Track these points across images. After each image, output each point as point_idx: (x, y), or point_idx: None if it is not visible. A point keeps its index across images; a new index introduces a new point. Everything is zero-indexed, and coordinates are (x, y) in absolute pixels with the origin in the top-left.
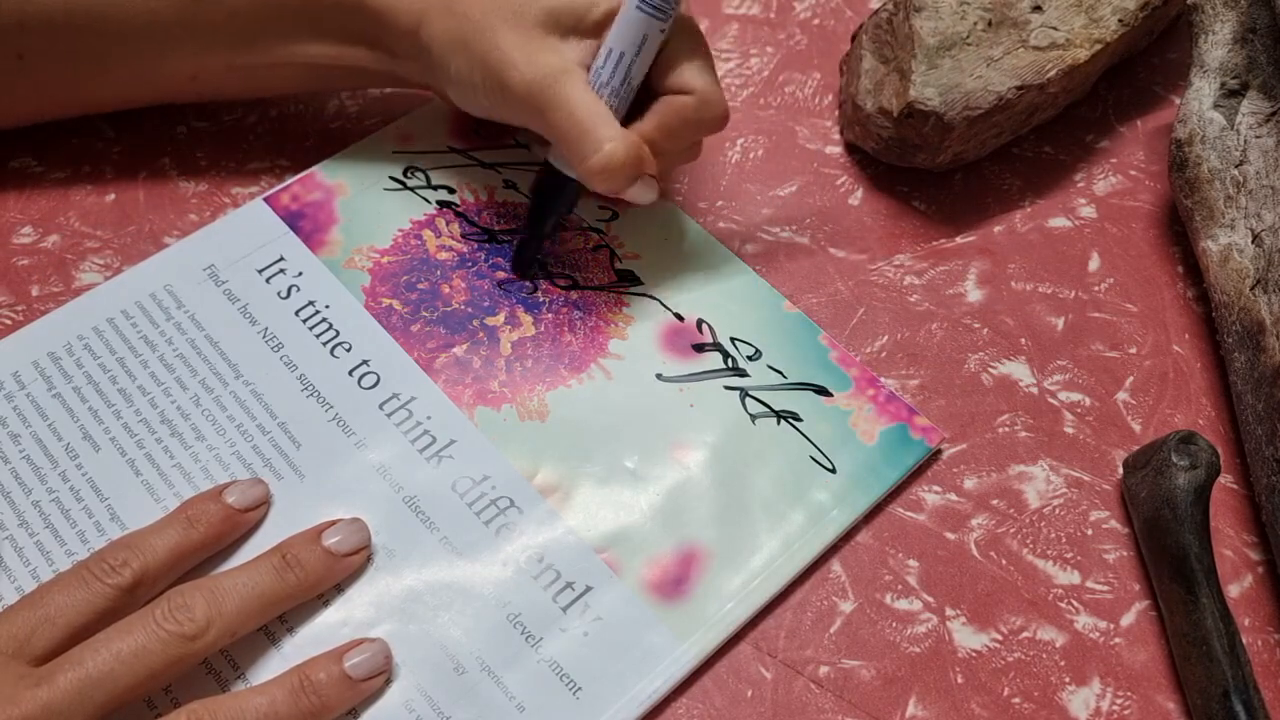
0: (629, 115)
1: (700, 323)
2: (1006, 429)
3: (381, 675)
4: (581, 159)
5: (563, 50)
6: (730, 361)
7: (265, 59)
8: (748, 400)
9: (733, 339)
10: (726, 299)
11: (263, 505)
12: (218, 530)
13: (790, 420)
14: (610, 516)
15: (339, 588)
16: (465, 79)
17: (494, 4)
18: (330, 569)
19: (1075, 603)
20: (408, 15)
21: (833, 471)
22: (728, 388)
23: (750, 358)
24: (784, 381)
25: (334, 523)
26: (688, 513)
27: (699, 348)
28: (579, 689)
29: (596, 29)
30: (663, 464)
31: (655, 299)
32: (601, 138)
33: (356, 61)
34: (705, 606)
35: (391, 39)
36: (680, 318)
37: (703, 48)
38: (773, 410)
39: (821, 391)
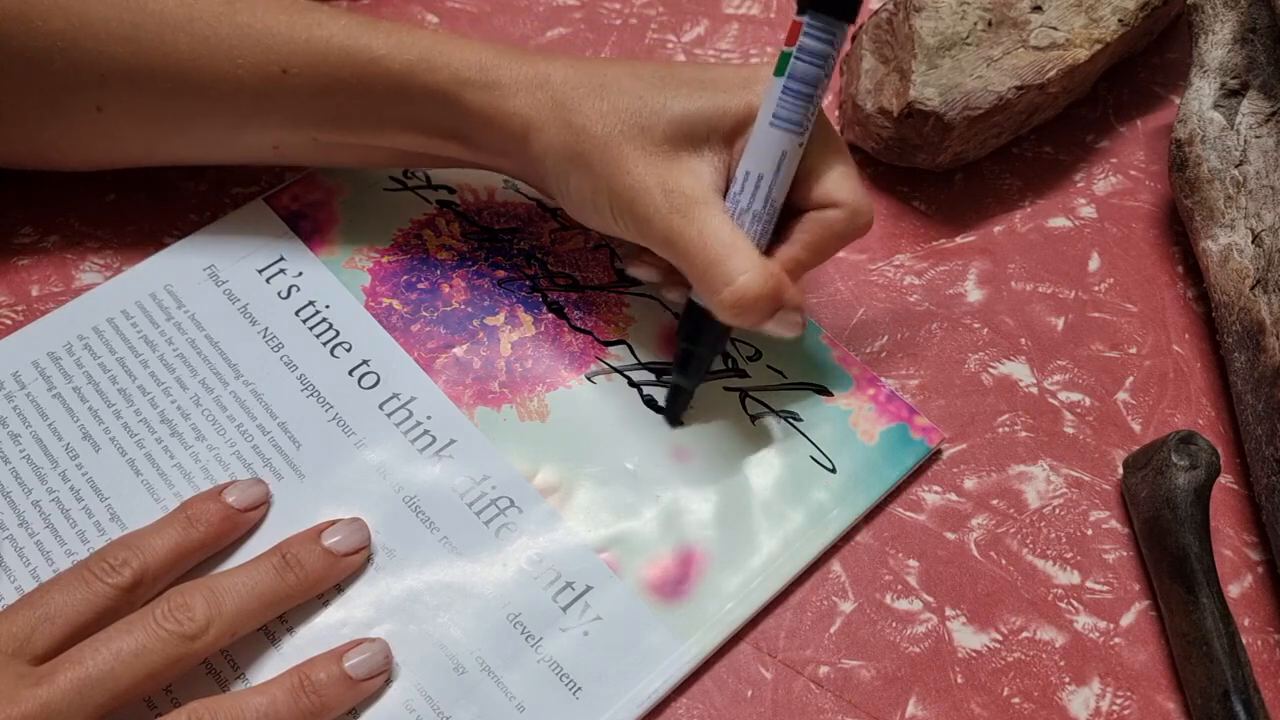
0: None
1: None
2: (1006, 429)
3: (381, 675)
4: (713, 293)
5: (696, 170)
6: (730, 362)
7: (352, 140)
8: (748, 400)
9: (733, 339)
10: None
11: (262, 505)
12: (218, 530)
13: (790, 420)
14: (610, 517)
15: (339, 587)
16: (586, 198)
17: (616, 117)
18: (330, 569)
19: (1075, 603)
20: (515, 121)
21: (833, 471)
22: (728, 388)
23: (750, 358)
24: (784, 381)
25: (334, 523)
26: (688, 513)
27: None
28: (579, 689)
29: (729, 138)
30: (663, 464)
31: (655, 299)
32: (733, 270)
33: (450, 154)
34: (705, 606)
35: (494, 142)
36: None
37: (842, 152)
38: (773, 410)
39: (822, 391)
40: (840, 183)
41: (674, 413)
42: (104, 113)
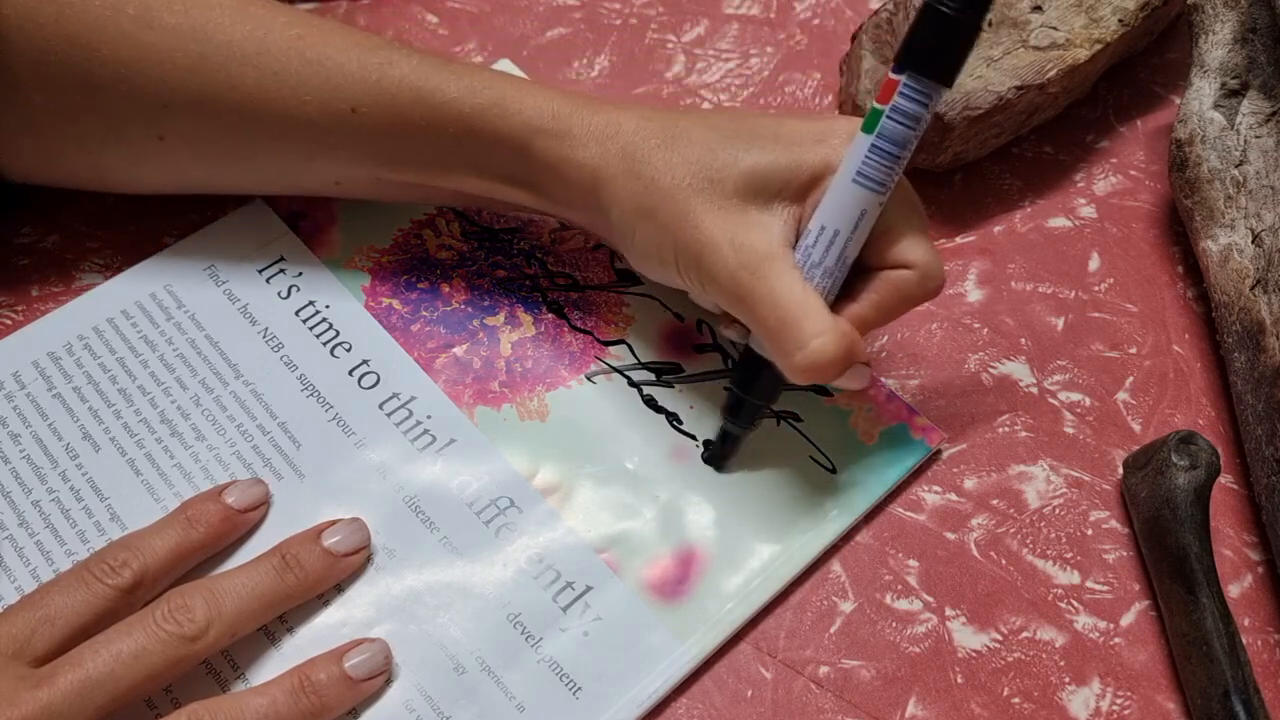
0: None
1: (700, 323)
2: (1006, 429)
3: (381, 675)
4: (785, 354)
5: (767, 225)
6: (730, 362)
7: (416, 180)
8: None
9: (732, 341)
10: None
11: (262, 505)
12: (217, 530)
13: (790, 421)
14: (610, 517)
15: (339, 587)
16: (651, 250)
17: (685, 169)
18: (330, 569)
19: (1075, 603)
20: (585, 172)
21: (833, 472)
22: (728, 388)
23: None
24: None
25: (334, 523)
26: (688, 513)
27: (699, 348)
28: (579, 689)
29: (802, 192)
30: (663, 464)
31: (655, 299)
32: (807, 332)
33: (514, 199)
34: (705, 607)
35: (562, 192)
36: (680, 318)
37: (919, 213)
38: (772, 410)
39: (821, 391)
40: (915, 245)
41: (723, 459)
42: (165, 141)
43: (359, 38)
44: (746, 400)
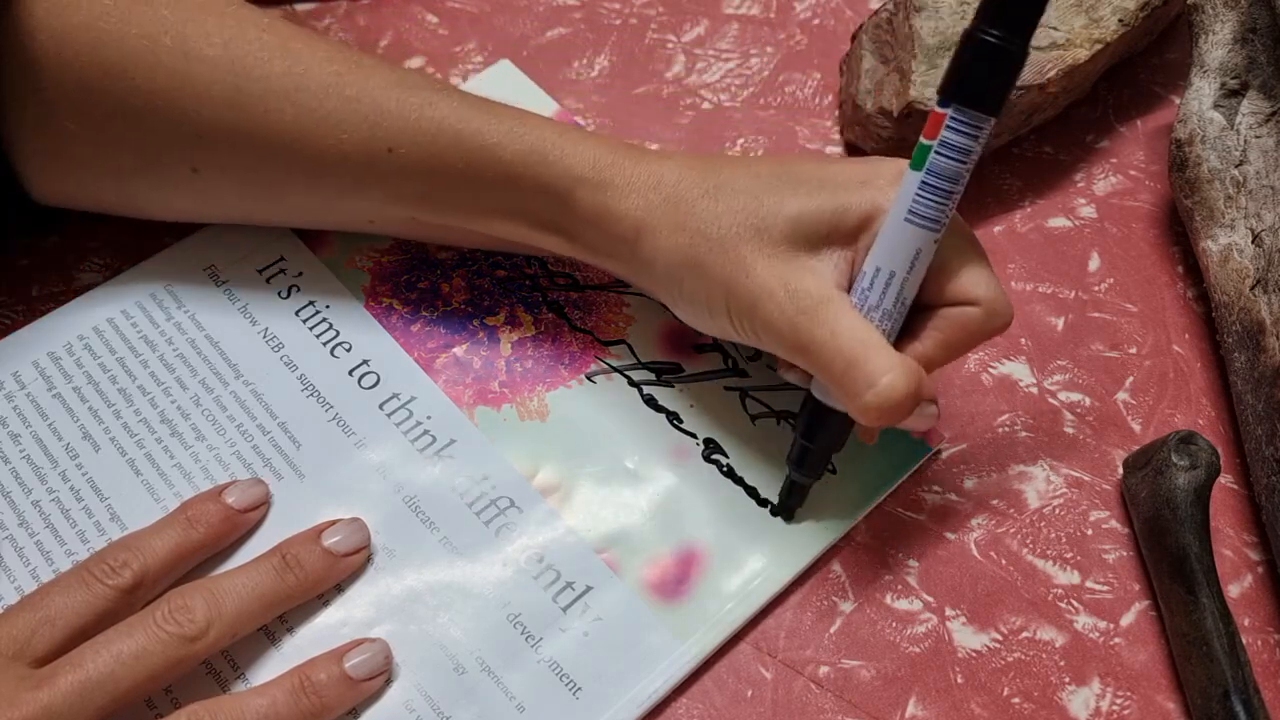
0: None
1: None
2: (1006, 429)
3: (382, 675)
4: (854, 396)
5: (819, 270)
6: (730, 362)
7: (452, 223)
8: (748, 400)
9: (731, 342)
10: None
11: (262, 506)
12: (218, 531)
13: (790, 421)
14: (610, 516)
15: (339, 587)
16: (701, 302)
17: (731, 219)
18: (330, 569)
19: (1075, 603)
20: (627, 223)
21: (833, 472)
22: (728, 388)
23: (750, 358)
24: (784, 381)
25: (334, 523)
26: (688, 513)
27: (699, 348)
28: (579, 689)
29: (851, 236)
30: (663, 464)
31: (655, 299)
32: (875, 371)
33: (551, 247)
34: (705, 607)
35: (602, 242)
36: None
37: (977, 247)
38: (773, 411)
39: None
40: (978, 280)
41: (790, 509)
42: (199, 174)
43: (399, 75)
44: (812, 449)
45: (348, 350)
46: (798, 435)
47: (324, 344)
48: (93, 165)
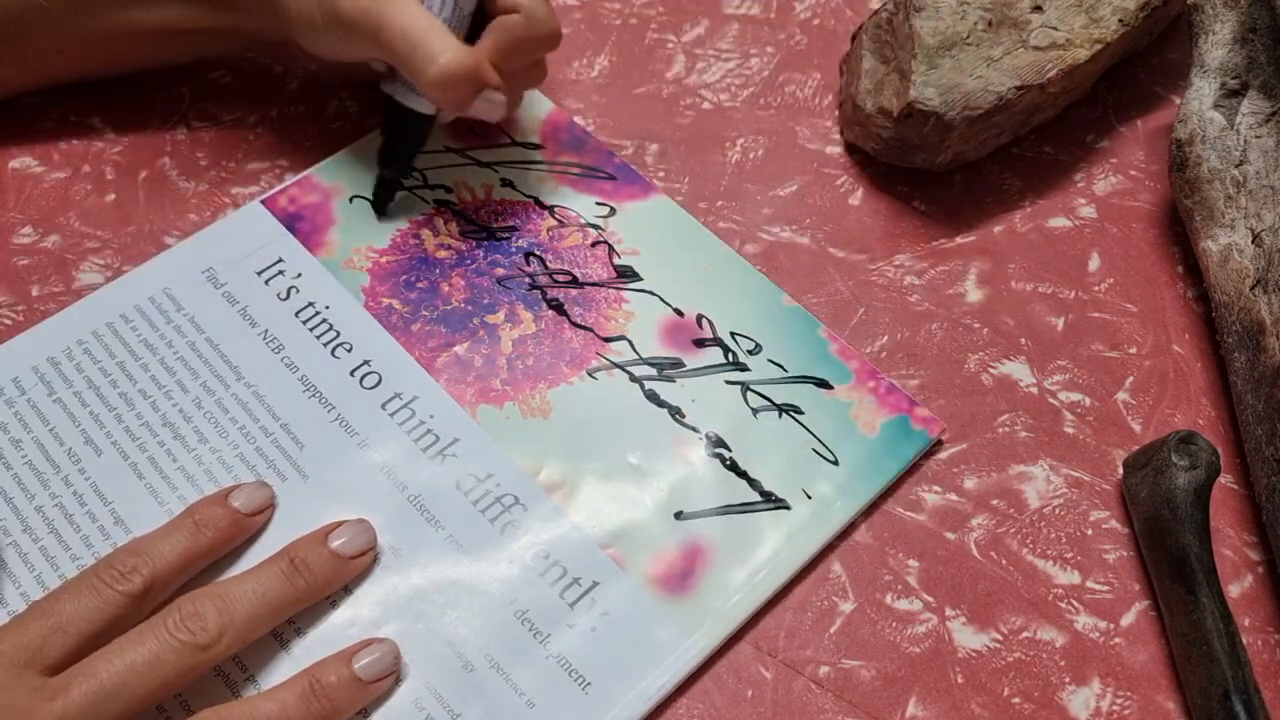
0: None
1: (700, 318)
2: (1006, 429)
3: (391, 675)
4: (419, 73)
5: None
6: (731, 356)
7: (123, 23)
8: (749, 394)
9: (733, 333)
10: (726, 293)
11: (269, 509)
12: (225, 534)
13: (792, 414)
14: (615, 512)
15: (346, 588)
16: (304, 18)
17: None
18: (338, 572)
19: (1075, 603)
20: None
21: (835, 464)
22: (729, 382)
23: (750, 352)
24: (785, 375)
25: (340, 524)
26: (692, 508)
27: (699, 343)
28: (588, 684)
29: None
30: (666, 459)
31: (655, 294)
32: (436, 50)
33: (210, 21)
34: (711, 600)
35: None
36: (680, 313)
37: None
38: (774, 404)
39: (822, 384)
40: None
41: (381, 203)
42: None
43: None
44: (396, 145)
45: (348, 350)
46: (384, 134)
47: (324, 345)
48: None
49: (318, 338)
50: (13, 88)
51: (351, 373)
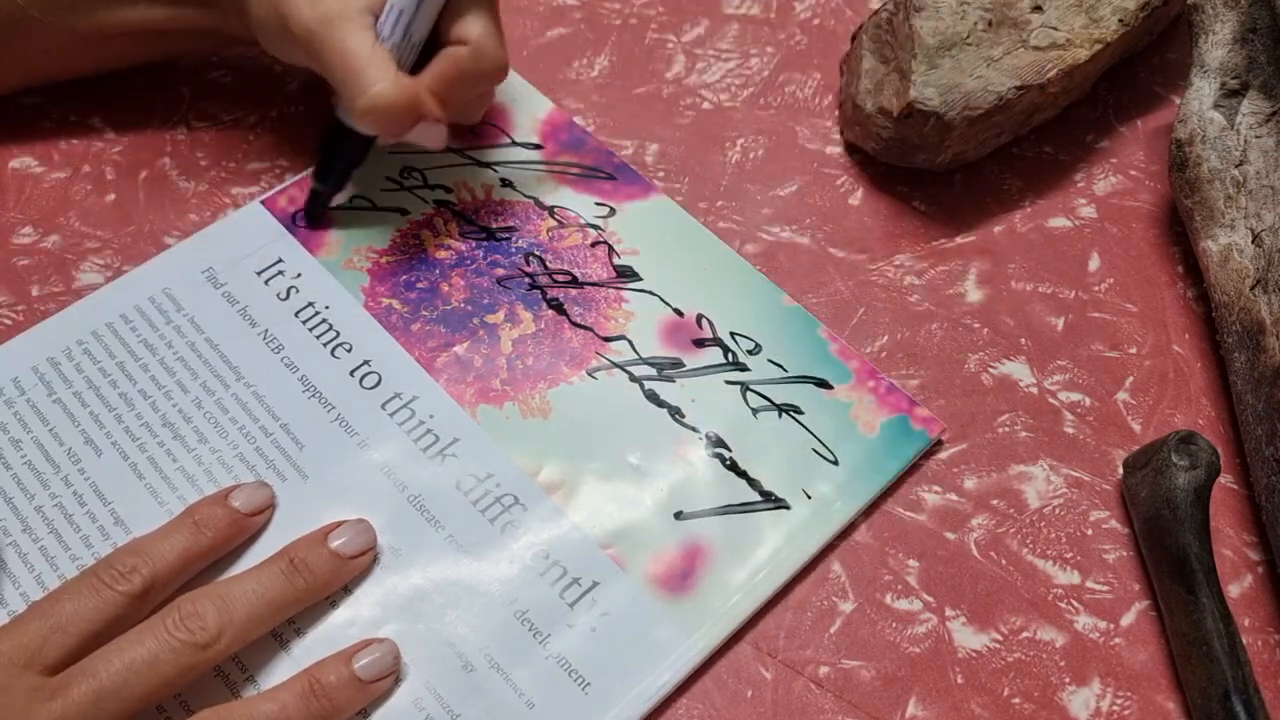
0: (417, 68)
1: (700, 318)
2: (1006, 429)
3: (391, 675)
4: (350, 101)
5: None
6: (730, 356)
7: (106, 23)
8: (749, 394)
9: (733, 333)
10: (725, 293)
11: (269, 509)
12: (225, 535)
13: (792, 414)
14: (615, 512)
15: (346, 588)
16: (264, 23)
17: None
18: (337, 572)
19: (1075, 603)
20: None
21: (835, 464)
22: (729, 382)
23: (750, 352)
24: (784, 375)
25: (340, 524)
26: (692, 508)
27: (699, 343)
28: (588, 684)
29: None
30: (666, 459)
31: (655, 295)
32: (370, 80)
33: (191, 21)
34: (711, 600)
35: None
36: (680, 313)
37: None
38: (774, 404)
39: (822, 384)
40: (474, 23)
41: (311, 216)
42: None
43: None
44: (333, 164)
45: (348, 351)
46: (320, 151)
47: (324, 345)
48: None
49: (317, 338)
50: (3, 87)
51: (351, 373)
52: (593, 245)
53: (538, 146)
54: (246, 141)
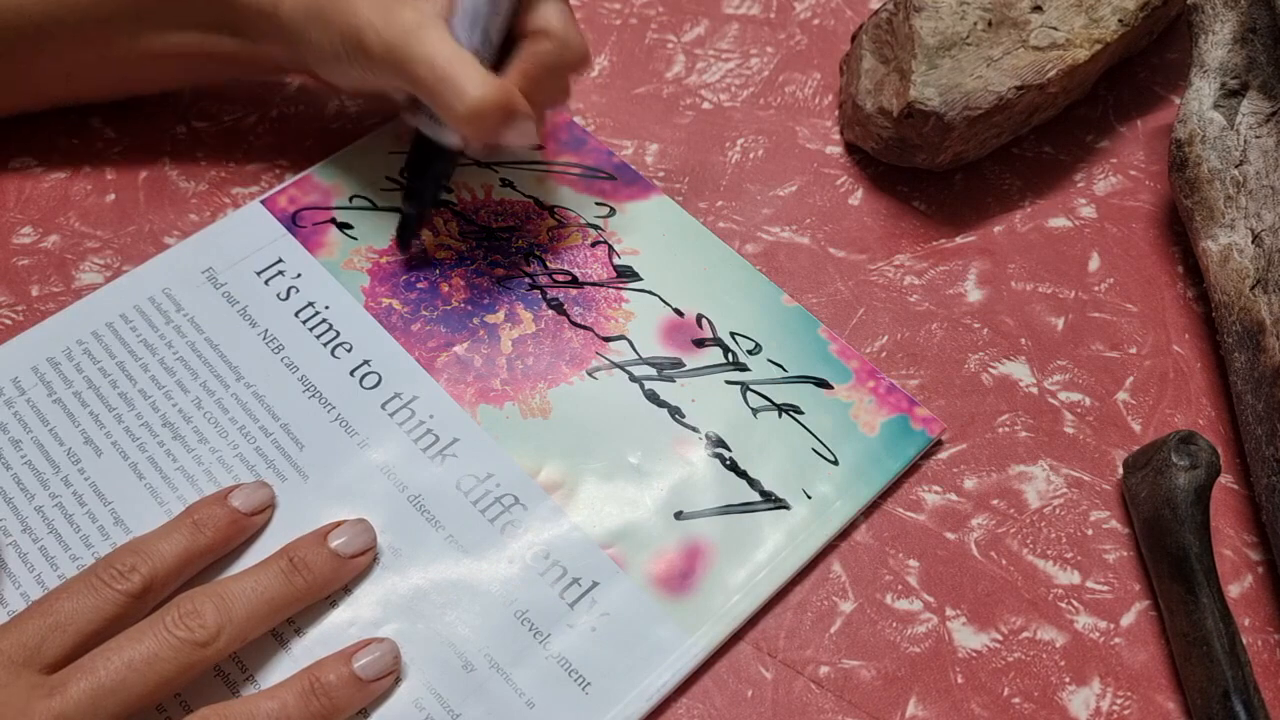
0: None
1: (700, 318)
2: (1006, 429)
3: (391, 675)
4: (449, 108)
5: (419, 5)
6: (731, 356)
7: (133, 50)
8: (749, 394)
9: (733, 333)
10: (725, 293)
11: (269, 509)
12: (225, 534)
13: (792, 413)
14: (615, 512)
15: (346, 588)
16: (326, 50)
17: None
18: (337, 571)
19: (1075, 603)
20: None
21: (835, 463)
22: (729, 382)
23: (750, 352)
24: (784, 375)
25: (340, 524)
26: (692, 508)
27: (699, 343)
28: (588, 684)
29: None
30: (666, 459)
31: (655, 294)
32: (466, 84)
33: (223, 49)
34: (711, 600)
35: (250, 23)
36: (680, 313)
37: None
38: (774, 404)
39: (822, 384)
40: (552, 15)
41: (406, 240)
42: None
43: None
44: (422, 184)
45: (348, 351)
46: (408, 173)
47: (324, 345)
48: None
49: (318, 338)
50: (18, 110)
51: (351, 373)
52: (593, 245)
53: (538, 146)
54: (246, 141)
